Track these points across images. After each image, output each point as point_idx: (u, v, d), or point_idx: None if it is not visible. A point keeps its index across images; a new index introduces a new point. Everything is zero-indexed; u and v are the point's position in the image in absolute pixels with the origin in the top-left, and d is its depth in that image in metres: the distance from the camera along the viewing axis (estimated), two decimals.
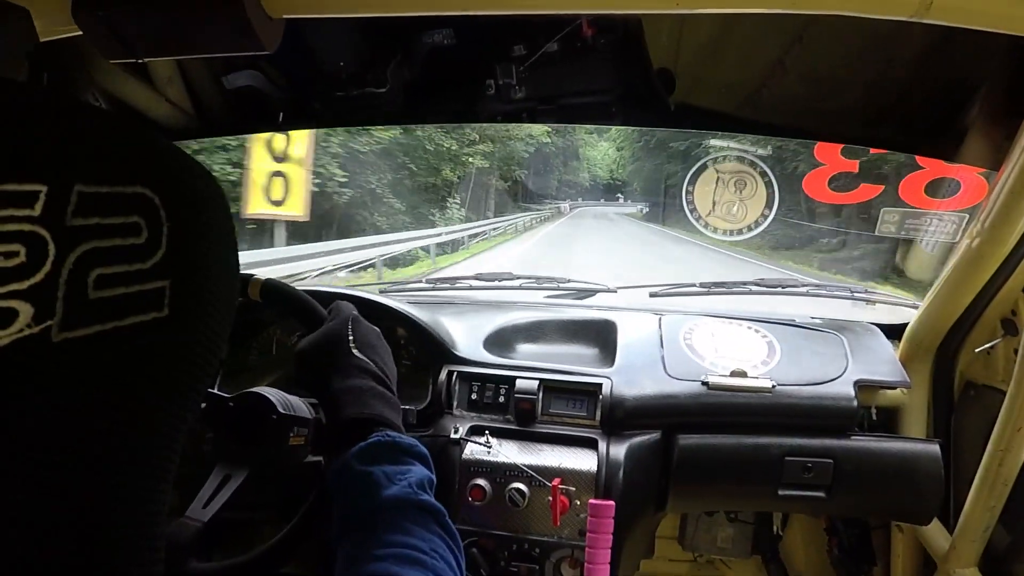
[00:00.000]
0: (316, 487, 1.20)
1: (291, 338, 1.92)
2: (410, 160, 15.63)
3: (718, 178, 2.48)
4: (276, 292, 1.25)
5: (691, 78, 1.70)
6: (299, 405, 1.34)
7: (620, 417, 1.69)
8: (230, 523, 1.41)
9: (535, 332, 2.06)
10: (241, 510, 1.42)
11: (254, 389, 1.36)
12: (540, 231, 22.68)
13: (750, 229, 2.52)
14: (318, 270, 8.28)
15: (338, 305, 1.23)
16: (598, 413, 1.71)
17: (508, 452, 1.63)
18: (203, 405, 1.33)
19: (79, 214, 0.47)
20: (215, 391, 1.38)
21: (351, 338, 1.13)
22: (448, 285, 2.37)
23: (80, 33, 0.96)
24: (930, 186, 2.25)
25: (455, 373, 1.79)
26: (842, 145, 2.47)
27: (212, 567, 1.15)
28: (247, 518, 1.54)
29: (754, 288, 2.31)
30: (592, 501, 1.42)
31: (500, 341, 1.97)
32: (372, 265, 10.37)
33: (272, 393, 1.34)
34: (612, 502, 1.40)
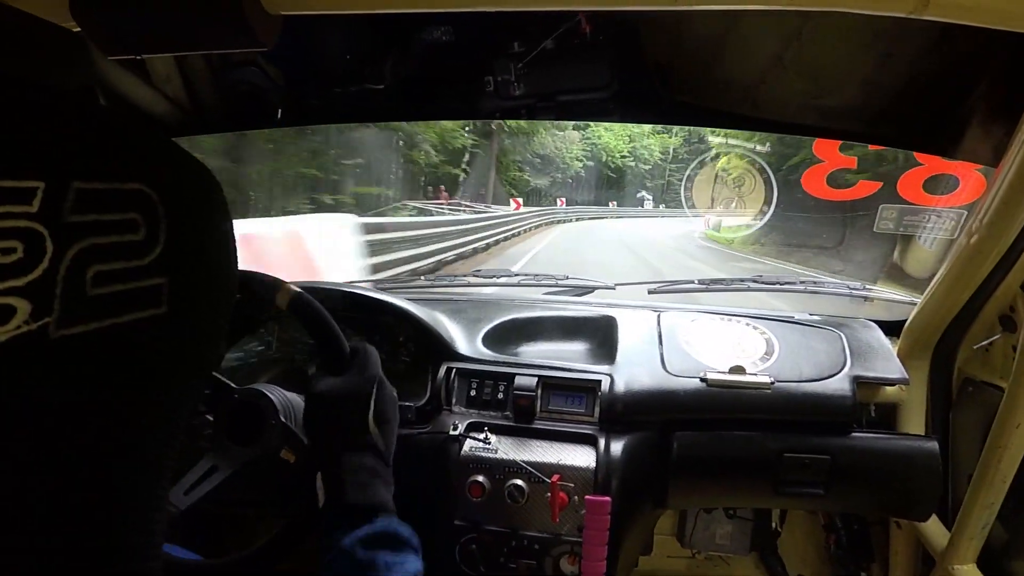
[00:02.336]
0: (310, 487, 1.19)
1: (296, 350, 1.91)
2: None
3: (717, 175, 2.48)
4: (306, 309, 1.22)
5: (689, 75, 1.70)
6: (299, 406, 1.34)
7: (619, 414, 1.69)
8: (212, 516, 1.41)
9: (534, 329, 2.06)
10: (228, 505, 1.42)
11: (259, 386, 1.35)
12: None
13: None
14: None
15: (365, 352, 1.19)
16: (597, 410, 1.71)
17: (507, 449, 1.63)
18: (207, 391, 1.33)
19: (77, 211, 0.47)
20: (223, 379, 1.37)
21: (372, 408, 1.11)
22: (447, 282, 2.37)
23: (78, 30, 0.96)
24: (929, 182, 2.26)
25: (454, 370, 1.79)
26: (840, 142, 2.47)
27: (209, 563, 1.15)
28: (240, 514, 1.54)
29: (752, 285, 2.31)
30: (588, 497, 1.41)
31: (499, 338, 1.97)
32: None
33: (276, 394, 1.34)
34: (608, 498, 1.40)
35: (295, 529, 1.16)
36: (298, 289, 1.23)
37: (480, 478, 1.60)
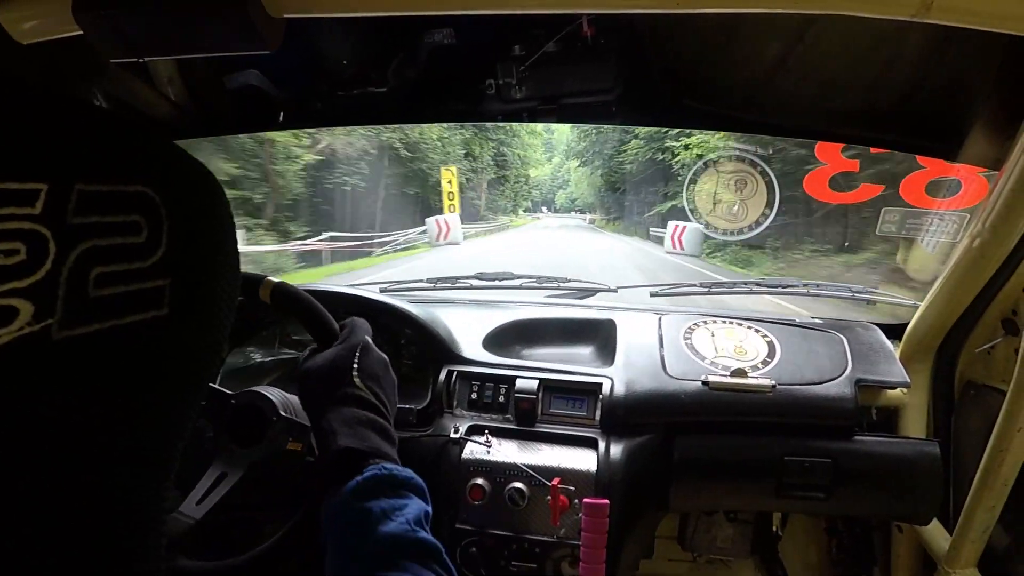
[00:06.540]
0: (314, 489, 1.19)
1: (300, 350, 1.91)
2: None
3: (718, 178, 2.48)
4: (287, 297, 1.23)
5: (692, 77, 1.69)
6: (300, 407, 1.34)
7: (620, 417, 1.70)
8: (231, 522, 1.42)
9: (535, 332, 2.07)
10: (242, 509, 1.42)
11: (256, 388, 1.36)
12: None
13: (751, 229, 2.52)
14: None
15: (353, 324, 1.19)
16: (598, 413, 1.71)
17: (508, 451, 1.63)
18: (203, 402, 1.33)
19: (79, 212, 0.47)
20: (218, 387, 1.38)
21: (356, 366, 1.08)
22: (448, 285, 2.38)
23: (81, 32, 0.96)
24: (931, 186, 2.25)
25: (455, 372, 1.79)
26: (843, 145, 2.47)
27: (210, 566, 1.15)
28: (248, 517, 1.54)
29: (755, 288, 2.31)
30: (586, 500, 1.41)
31: (500, 341, 1.97)
32: None
33: (274, 393, 1.35)
34: (606, 501, 1.40)
35: (295, 533, 1.16)
36: (277, 279, 1.23)
37: (481, 481, 1.60)
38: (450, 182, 15.06)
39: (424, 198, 18.35)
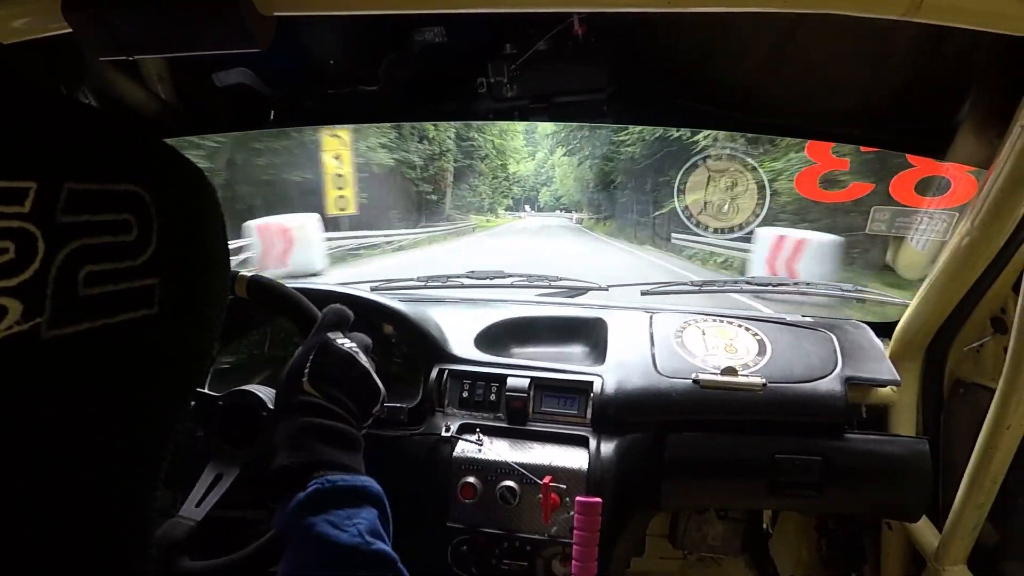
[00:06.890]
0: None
1: (289, 349, 1.91)
2: None
3: (709, 177, 2.48)
4: (264, 290, 1.22)
5: (684, 76, 1.70)
6: None
7: (611, 415, 1.70)
8: (225, 521, 1.41)
9: (526, 330, 2.07)
10: (235, 508, 1.42)
11: (245, 387, 1.35)
12: None
13: (741, 227, 2.53)
14: None
15: (322, 319, 1.15)
16: (589, 411, 1.71)
17: (499, 450, 1.63)
18: (192, 404, 1.33)
19: (69, 211, 0.47)
20: (205, 390, 1.38)
21: (307, 370, 1.03)
22: (440, 283, 2.37)
23: (70, 31, 0.96)
24: (920, 184, 2.26)
25: (446, 371, 1.79)
26: (833, 144, 2.47)
27: (204, 565, 1.14)
28: (241, 516, 1.54)
29: (745, 286, 2.32)
30: (579, 498, 1.40)
31: (491, 339, 1.97)
32: None
33: (262, 391, 1.34)
34: (599, 499, 1.39)
35: None
36: (251, 273, 1.23)
37: (472, 479, 1.59)
38: (338, 157, 10.06)
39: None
